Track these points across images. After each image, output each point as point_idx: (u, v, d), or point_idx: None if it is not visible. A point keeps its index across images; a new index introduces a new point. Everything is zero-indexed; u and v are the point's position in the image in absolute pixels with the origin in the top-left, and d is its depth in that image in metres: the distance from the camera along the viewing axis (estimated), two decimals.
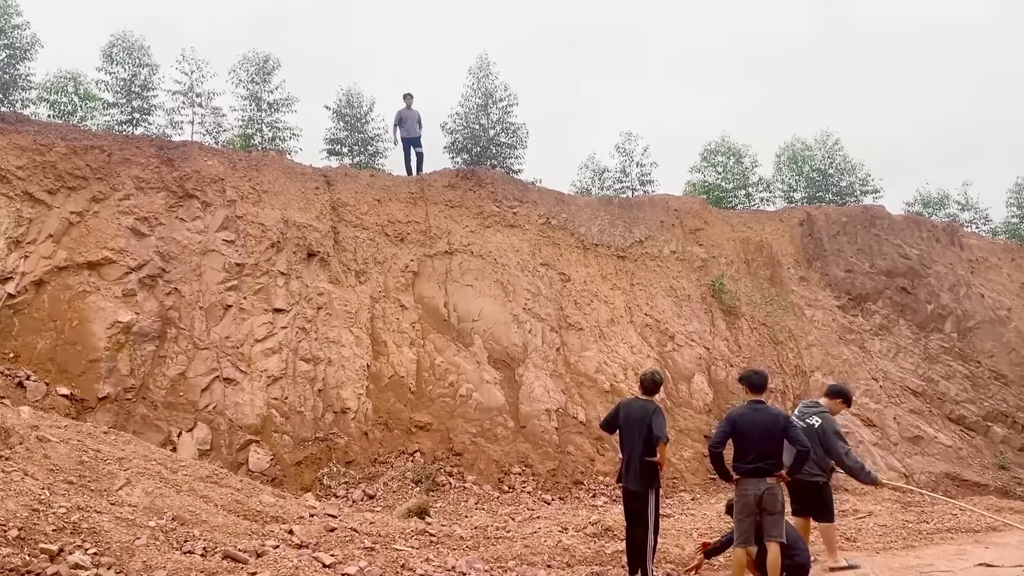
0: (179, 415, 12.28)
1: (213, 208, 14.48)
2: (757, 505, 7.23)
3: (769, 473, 7.24)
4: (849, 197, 25.23)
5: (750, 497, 7.24)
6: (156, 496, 7.85)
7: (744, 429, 7.31)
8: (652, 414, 7.79)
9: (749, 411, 7.44)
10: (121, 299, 12.92)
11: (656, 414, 7.80)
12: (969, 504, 14.46)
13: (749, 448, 7.27)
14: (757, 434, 7.26)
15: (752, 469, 7.25)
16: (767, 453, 7.26)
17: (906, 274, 21.60)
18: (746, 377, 7.77)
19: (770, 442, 7.28)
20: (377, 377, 14.30)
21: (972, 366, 20.75)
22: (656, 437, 7.67)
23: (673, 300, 18.49)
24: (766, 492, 7.20)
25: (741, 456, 7.35)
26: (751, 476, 7.25)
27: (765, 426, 7.28)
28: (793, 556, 7.34)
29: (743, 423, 7.34)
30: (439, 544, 9.11)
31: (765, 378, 7.71)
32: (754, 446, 7.25)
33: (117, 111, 18.61)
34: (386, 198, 16.67)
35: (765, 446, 7.25)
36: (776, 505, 7.23)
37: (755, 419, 7.33)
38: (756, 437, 7.26)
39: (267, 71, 19.83)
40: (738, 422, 7.38)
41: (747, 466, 7.27)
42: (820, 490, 8.62)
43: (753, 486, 7.24)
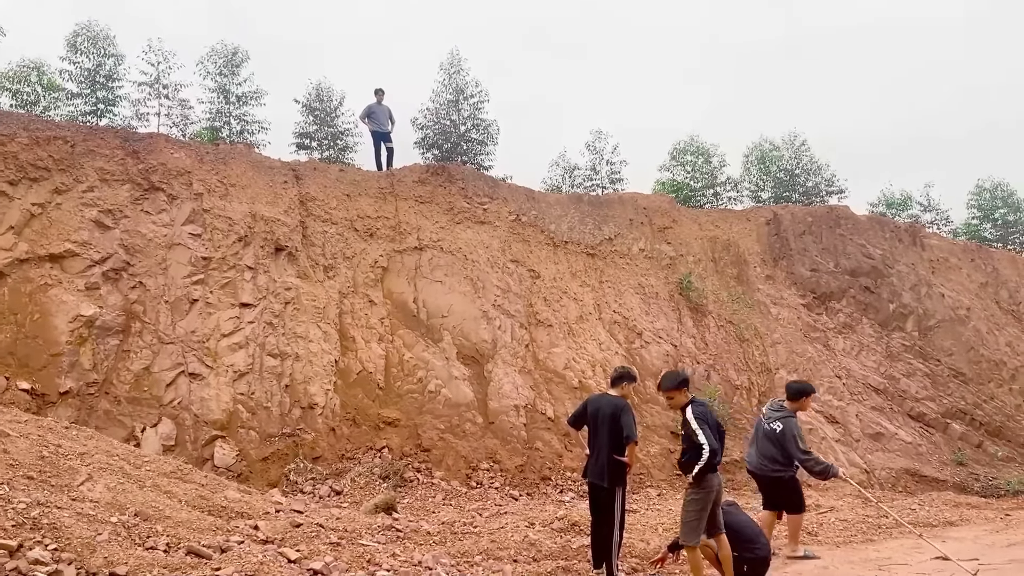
0: (143, 410, 12.14)
1: (179, 201, 14.31)
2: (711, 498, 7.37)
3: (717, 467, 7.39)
4: (815, 197, 25.64)
5: (715, 492, 7.32)
6: (118, 492, 7.76)
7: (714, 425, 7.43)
8: (621, 411, 7.84)
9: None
10: (84, 292, 12.72)
11: (625, 412, 7.84)
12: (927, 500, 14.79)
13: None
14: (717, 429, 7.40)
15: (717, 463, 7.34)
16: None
17: (869, 273, 21.97)
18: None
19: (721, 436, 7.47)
20: (345, 373, 14.25)
21: (932, 364, 21.17)
22: (626, 437, 7.73)
23: (641, 297, 18.63)
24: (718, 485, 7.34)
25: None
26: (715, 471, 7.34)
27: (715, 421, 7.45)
28: (754, 549, 7.46)
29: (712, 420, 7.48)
30: (406, 540, 9.11)
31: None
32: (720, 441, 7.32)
33: (81, 101, 18.34)
34: (355, 193, 16.59)
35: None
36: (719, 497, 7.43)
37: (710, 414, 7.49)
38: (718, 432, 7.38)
39: (235, 63, 19.65)
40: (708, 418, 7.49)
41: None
42: (788, 484, 9.04)
43: (718, 480, 7.33)
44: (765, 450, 9.20)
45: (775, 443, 9.05)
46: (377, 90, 17.98)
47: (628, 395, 8.30)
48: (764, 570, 7.56)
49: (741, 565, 7.43)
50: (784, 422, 8.98)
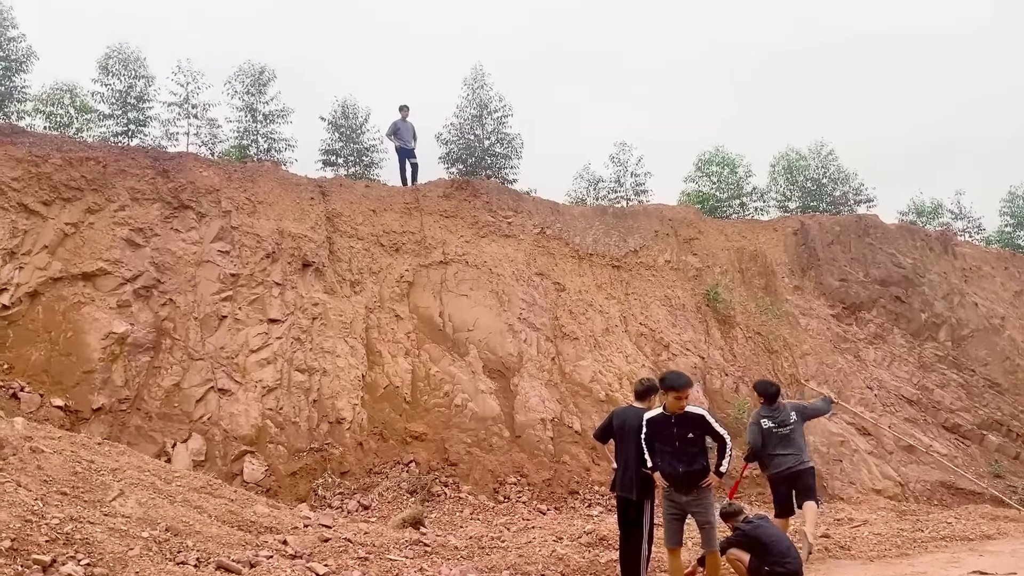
0: (173, 426, 12.27)
1: (208, 219, 14.51)
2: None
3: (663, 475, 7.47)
4: (843, 206, 25.36)
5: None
6: (150, 507, 7.85)
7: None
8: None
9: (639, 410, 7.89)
10: (116, 310, 12.92)
11: None
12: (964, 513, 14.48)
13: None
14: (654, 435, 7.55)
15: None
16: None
17: (900, 283, 21.67)
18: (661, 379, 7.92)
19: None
20: (372, 387, 14.31)
21: (967, 374, 20.79)
22: None
23: (668, 309, 18.53)
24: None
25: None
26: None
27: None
28: (785, 563, 7.36)
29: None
30: (433, 554, 9.10)
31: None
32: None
33: (113, 122, 18.67)
34: (381, 208, 16.72)
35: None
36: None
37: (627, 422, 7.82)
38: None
39: (262, 83, 19.91)
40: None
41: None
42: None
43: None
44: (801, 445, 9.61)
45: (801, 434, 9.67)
46: (402, 107, 18.21)
47: (654, 407, 8.24)
48: None
49: None
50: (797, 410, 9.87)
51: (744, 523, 7.75)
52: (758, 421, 9.91)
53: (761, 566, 7.36)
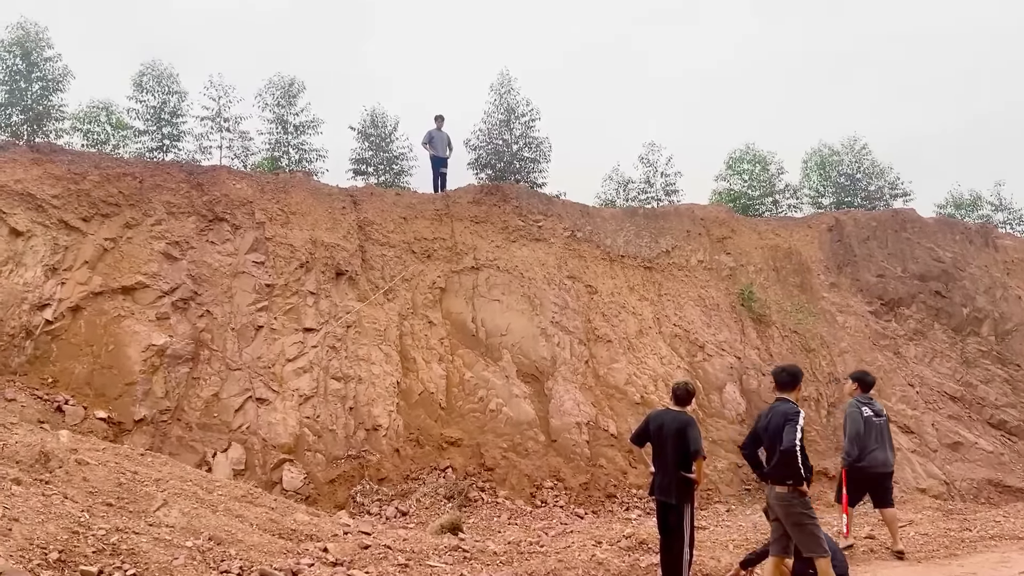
0: (213, 436, 12.42)
1: (242, 231, 14.69)
2: (774, 512, 7.04)
3: (775, 479, 6.85)
4: (878, 201, 24.95)
5: (766, 504, 7.09)
6: (193, 516, 7.94)
7: (759, 430, 7.14)
8: (687, 426, 7.71)
9: (766, 410, 7.19)
10: (155, 322, 13.13)
11: (691, 426, 7.71)
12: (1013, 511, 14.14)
13: (765, 452, 7.03)
14: (767, 435, 7.01)
15: (762, 474, 7.10)
16: (770, 456, 6.92)
17: (939, 277, 21.26)
18: (774, 374, 7.35)
19: (772, 444, 6.89)
20: (407, 394, 14.36)
21: (1011, 369, 20.33)
22: (694, 452, 7.59)
23: (702, 310, 18.37)
24: (774, 501, 6.90)
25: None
26: (764, 481, 7.08)
27: (773, 427, 6.91)
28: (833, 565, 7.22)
29: (760, 423, 7.16)
30: (473, 560, 9.10)
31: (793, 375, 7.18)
32: (767, 450, 7.00)
33: (148, 138, 19.00)
34: (412, 216, 16.80)
35: (771, 450, 6.90)
36: (788, 516, 6.84)
37: (767, 419, 7.06)
38: (767, 439, 7.02)
39: (292, 94, 20.14)
40: (757, 423, 7.22)
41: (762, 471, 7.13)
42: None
43: (767, 492, 7.10)
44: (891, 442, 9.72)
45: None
46: (437, 116, 18.51)
47: (692, 409, 8.18)
48: None
49: None
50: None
51: None
52: (859, 408, 9.61)
53: (806, 568, 7.24)
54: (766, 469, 6.98)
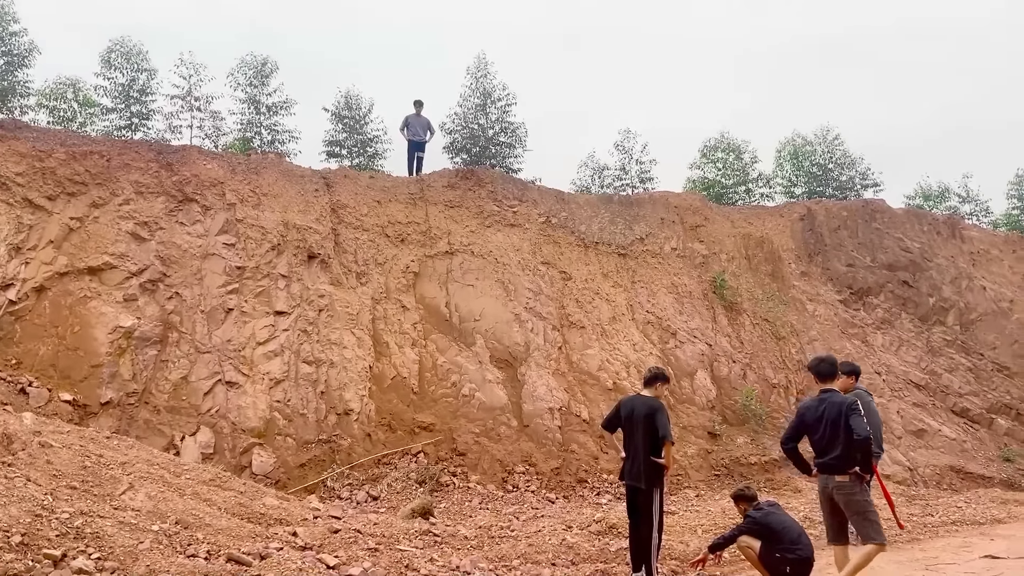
0: (182, 419, 12.29)
1: (213, 212, 14.49)
2: (830, 503, 7.02)
3: (837, 469, 6.84)
4: (849, 191, 25.18)
5: (821, 494, 7.09)
6: (159, 500, 7.85)
7: (810, 422, 7.03)
8: (656, 412, 7.77)
9: (814, 403, 7.09)
10: (122, 304, 12.93)
11: (660, 412, 7.78)
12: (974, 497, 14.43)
13: (816, 442, 6.99)
14: (821, 427, 6.92)
15: (819, 464, 7.00)
16: (830, 447, 6.87)
17: (907, 267, 21.57)
18: (812, 366, 7.31)
19: (834, 435, 6.84)
20: (379, 378, 14.30)
21: (975, 359, 20.72)
22: (662, 437, 7.66)
23: (675, 297, 18.47)
24: (835, 489, 6.89)
25: (813, 451, 7.09)
26: (821, 472, 7.00)
27: (829, 418, 6.88)
28: (796, 550, 7.32)
29: (809, 416, 7.05)
30: (443, 544, 9.11)
31: (834, 365, 7.22)
32: (820, 440, 6.95)
33: (116, 116, 18.59)
34: (386, 199, 16.68)
35: (830, 438, 6.86)
36: (850, 504, 6.85)
37: (820, 410, 6.97)
38: (820, 430, 6.93)
39: (265, 74, 19.80)
40: (804, 415, 7.10)
41: (816, 461, 7.05)
42: None
43: (821, 482, 7.04)
44: None
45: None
46: (416, 102, 18.51)
47: (662, 395, 8.22)
48: (807, 570, 7.42)
49: (784, 565, 7.29)
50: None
51: (755, 510, 7.71)
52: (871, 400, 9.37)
53: (772, 553, 7.32)
54: (825, 459, 6.90)
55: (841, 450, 6.75)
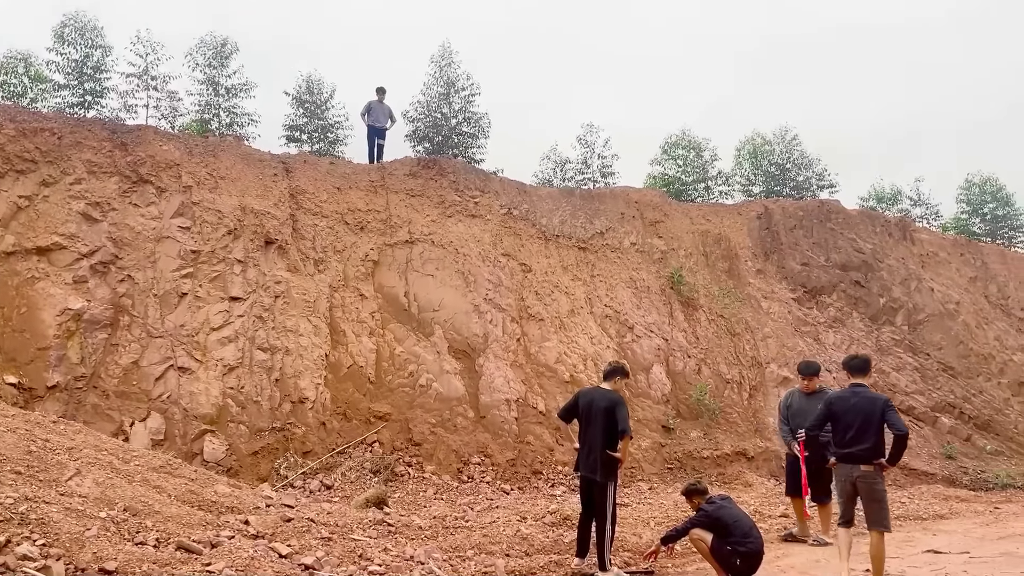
0: (132, 404, 12.05)
1: (168, 194, 14.20)
2: (853, 489, 7.28)
3: (863, 459, 7.14)
4: (806, 191, 25.61)
5: (844, 483, 7.31)
6: (107, 486, 7.69)
7: (839, 413, 7.29)
8: (616, 405, 7.83)
9: (847, 395, 7.38)
10: (72, 286, 12.61)
11: (619, 406, 7.84)
12: (917, 493, 14.84)
13: (843, 433, 7.25)
14: (851, 419, 7.21)
15: (844, 455, 7.25)
16: (859, 439, 7.15)
17: (860, 268, 22.02)
18: (844, 363, 7.72)
19: (864, 427, 7.15)
20: (336, 367, 14.18)
21: (921, 358, 21.25)
22: (621, 431, 7.73)
23: (633, 291, 18.62)
24: (859, 479, 7.18)
25: (836, 441, 7.35)
26: (844, 461, 7.27)
27: (861, 410, 7.18)
28: (747, 543, 7.45)
29: (839, 407, 7.32)
30: (397, 534, 9.08)
31: (867, 362, 7.60)
32: (847, 431, 7.22)
33: (68, 93, 18.09)
34: (346, 186, 16.51)
35: (863, 430, 7.14)
36: (872, 493, 7.18)
37: (852, 403, 7.25)
38: (849, 422, 7.21)
39: (224, 55, 19.43)
40: (835, 405, 7.36)
41: (840, 451, 7.30)
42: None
43: (845, 471, 7.29)
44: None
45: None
46: (378, 88, 18.23)
47: (621, 389, 8.29)
48: (757, 563, 7.56)
49: (735, 558, 7.43)
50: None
51: (707, 503, 7.83)
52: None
53: (723, 546, 7.45)
54: (853, 450, 7.16)
55: (873, 442, 7.11)
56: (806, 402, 9.83)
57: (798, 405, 9.92)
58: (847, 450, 7.19)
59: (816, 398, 9.81)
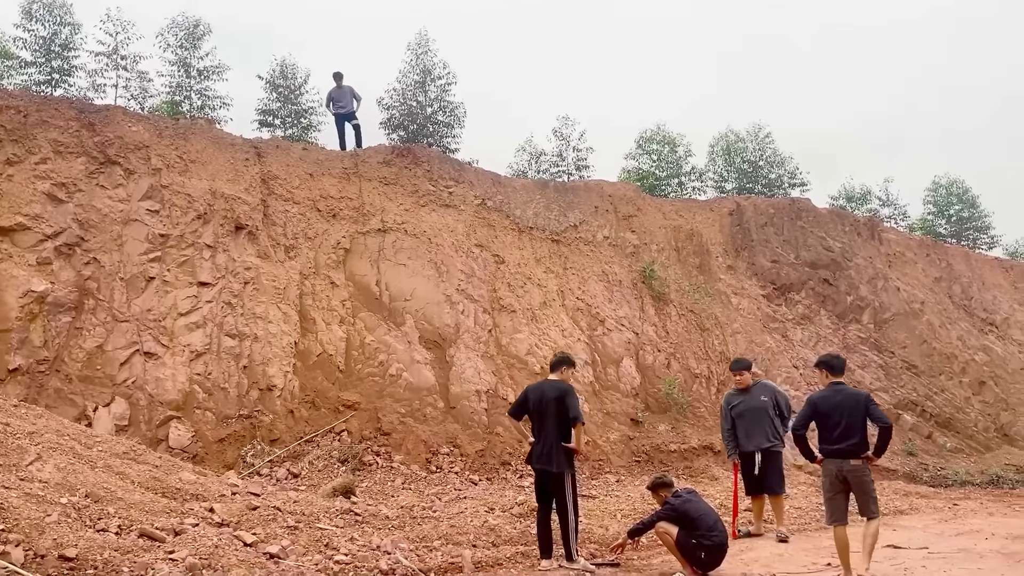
0: (96, 389, 11.86)
1: (137, 176, 13.96)
2: (843, 484, 7.43)
3: (852, 454, 7.35)
4: (778, 189, 25.85)
5: (834, 478, 7.47)
6: (69, 472, 7.57)
7: (826, 412, 7.46)
8: (565, 395, 7.88)
9: (830, 393, 7.56)
10: (35, 267, 12.36)
11: (569, 395, 7.90)
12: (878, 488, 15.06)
13: (831, 430, 7.42)
14: (838, 416, 7.39)
15: (834, 451, 7.41)
16: (847, 435, 7.36)
17: (828, 266, 22.30)
18: (825, 362, 7.85)
19: (851, 423, 7.37)
20: (305, 355, 14.07)
21: (886, 356, 21.59)
22: (573, 418, 7.77)
23: (605, 285, 18.68)
24: (849, 473, 7.36)
25: (824, 438, 7.51)
26: (834, 457, 7.43)
27: (846, 408, 7.40)
28: (712, 536, 7.53)
29: (824, 405, 7.48)
30: (364, 524, 9.05)
31: (844, 361, 7.88)
32: (835, 428, 7.39)
33: (35, 70, 17.69)
34: (319, 172, 16.35)
35: (850, 426, 7.36)
36: (863, 485, 7.40)
37: (836, 401, 7.45)
38: (837, 419, 7.39)
39: (197, 36, 19.11)
40: (819, 405, 7.52)
41: (830, 447, 7.45)
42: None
43: (835, 466, 7.45)
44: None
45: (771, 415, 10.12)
46: (335, 74, 17.95)
47: (568, 379, 8.30)
48: (721, 556, 7.65)
49: (699, 551, 7.51)
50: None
51: (673, 497, 7.90)
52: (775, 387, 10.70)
53: (689, 539, 7.53)
54: (842, 445, 7.35)
55: (860, 437, 7.35)
56: (746, 398, 10.04)
57: (740, 403, 10.10)
58: (836, 446, 7.40)
59: (753, 393, 10.02)
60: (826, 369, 7.75)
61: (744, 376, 10.14)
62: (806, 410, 7.63)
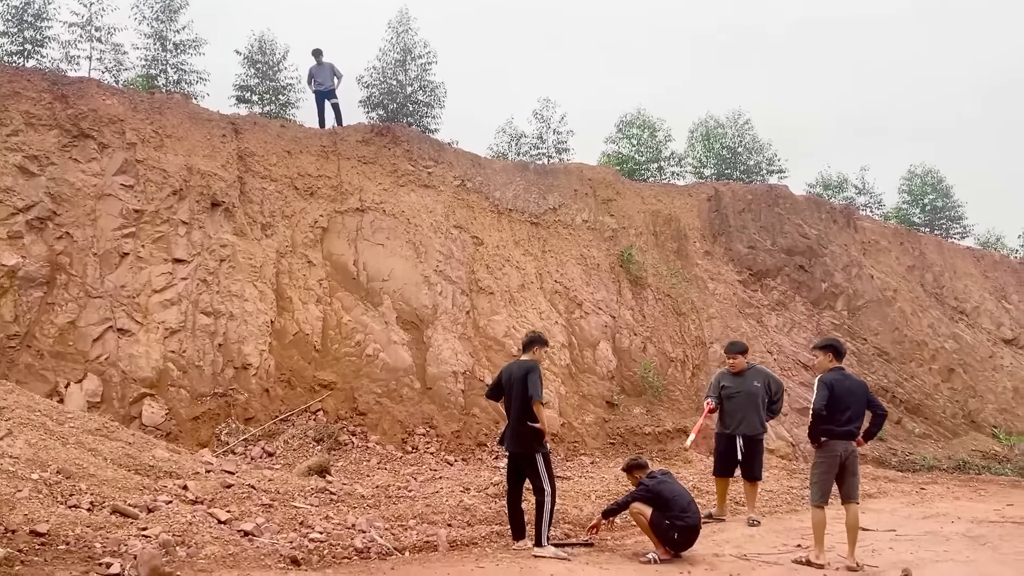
0: (68, 365, 11.73)
1: (111, 150, 13.74)
2: (841, 466, 7.68)
3: (855, 437, 7.70)
4: (756, 175, 25.99)
5: (837, 458, 7.67)
6: (40, 448, 7.50)
7: (841, 395, 7.65)
8: (527, 373, 7.78)
9: (841, 377, 7.79)
10: (6, 241, 12.17)
11: (531, 372, 7.76)
12: None
13: (842, 412, 7.62)
14: (849, 400, 7.65)
15: (844, 432, 7.64)
16: (856, 418, 7.69)
17: (804, 253, 22.48)
18: (832, 345, 8.04)
19: (860, 407, 7.74)
20: (281, 333, 14.00)
21: (859, 343, 21.85)
22: (530, 397, 7.65)
23: (583, 268, 18.72)
24: (850, 454, 7.68)
25: (835, 420, 7.65)
26: (842, 439, 7.66)
27: (854, 392, 7.72)
28: (685, 518, 7.62)
29: (840, 388, 7.67)
30: (339, 502, 9.06)
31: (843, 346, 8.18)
32: (846, 411, 7.63)
33: (7, 41, 17.32)
34: (297, 150, 16.19)
35: (857, 411, 7.69)
36: (855, 468, 7.76)
37: (847, 385, 7.72)
38: (848, 402, 7.65)
39: (173, 9, 18.79)
40: (836, 387, 7.68)
41: (839, 429, 7.64)
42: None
43: (840, 448, 7.67)
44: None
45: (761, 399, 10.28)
46: (314, 51, 17.74)
47: (541, 359, 8.22)
48: (694, 537, 7.74)
49: (673, 532, 7.59)
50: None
51: (648, 478, 7.97)
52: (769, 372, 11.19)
53: (662, 520, 7.61)
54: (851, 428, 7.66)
55: (862, 422, 7.77)
56: (739, 381, 10.10)
57: (732, 386, 10.14)
58: (846, 428, 7.67)
59: (747, 377, 10.09)
60: (832, 353, 7.97)
61: (739, 359, 10.20)
62: (825, 391, 7.76)
